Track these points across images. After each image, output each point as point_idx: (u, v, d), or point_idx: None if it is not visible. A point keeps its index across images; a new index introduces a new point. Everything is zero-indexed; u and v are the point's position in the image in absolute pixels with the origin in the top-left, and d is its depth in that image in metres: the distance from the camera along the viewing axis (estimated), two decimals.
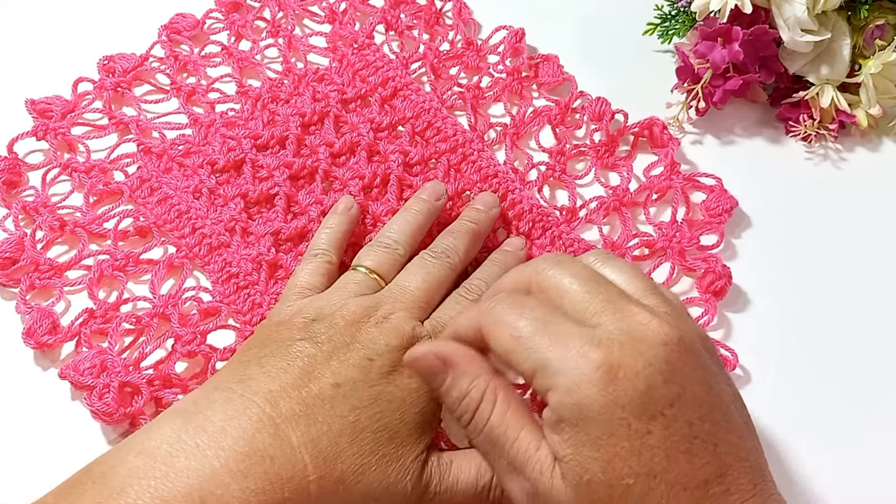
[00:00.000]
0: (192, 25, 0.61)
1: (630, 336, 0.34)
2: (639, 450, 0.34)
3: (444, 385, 0.38)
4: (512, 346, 0.35)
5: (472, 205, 0.51)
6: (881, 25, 0.56)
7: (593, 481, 0.34)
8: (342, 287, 0.45)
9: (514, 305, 0.36)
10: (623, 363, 0.34)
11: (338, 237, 0.48)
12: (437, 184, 0.51)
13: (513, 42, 0.60)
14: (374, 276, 0.46)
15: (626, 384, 0.33)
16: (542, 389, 0.35)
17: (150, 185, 0.53)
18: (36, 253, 0.51)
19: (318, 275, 0.46)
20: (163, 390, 0.46)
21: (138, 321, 0.48)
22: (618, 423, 0.33)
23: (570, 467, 0.34)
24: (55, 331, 0.48)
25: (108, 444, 0.46)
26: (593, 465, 0.34)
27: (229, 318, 0.49)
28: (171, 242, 0.52)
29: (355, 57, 0.59)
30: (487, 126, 0.57)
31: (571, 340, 0.34)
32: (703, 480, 0.34)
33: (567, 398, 0.34)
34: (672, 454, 0.34)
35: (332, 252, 0.47)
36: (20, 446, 0.46)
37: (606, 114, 0.56)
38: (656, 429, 0.34)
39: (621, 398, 0.33)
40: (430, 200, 0.50)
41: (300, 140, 0.55)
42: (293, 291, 0.45)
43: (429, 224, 0.50)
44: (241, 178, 0.54)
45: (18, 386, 0.48)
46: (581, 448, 0.34)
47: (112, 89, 0.58)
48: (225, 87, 0.59)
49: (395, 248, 0.47)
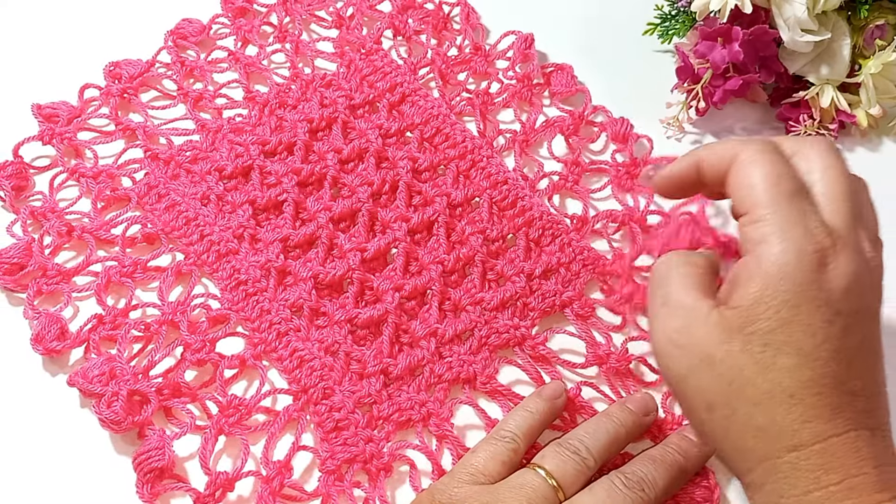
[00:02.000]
0: (199, 31, 0.61)
1: (853, 250, 0.37)
2: (815, 329, 0.35)
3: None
4: (760, 185, 0.37)
5: (683, 431, 0.45)
6: (881, 25, 0.56)
7: (757, 331, 0.36)
8: (516, 488, 0.41)
9: (776, 162, 0.38)
10: (840, 261, 0.36)
11: (532, 426, 0.43)
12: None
13: (522, 48, 0.60)
14: (552, 483, 0.41)
15: (834, 276, 0.36)
16: (752, 238, 0.37)
17: (158, 191, 0.53)
18: (44, 258, 0.51)
19: (498, 462, 0.42)
20: (172, 399, 0.46)
21: (147, 328, 0.48)
22: (810, 298, 0.35)
23: (744, 309, 0.36)
24: (64, 337, 0.48)
25: (115, 452, 0.46)
26: (768, 316, 0.36)
27: (238, 325, 0.49)
28: (179, 249, 0.51)
29: (363, 62, 0.59)
30: (496, 132, 0.57)
31: (809, 219, 0.36)
32: (850, 390, 0.36)
33: (772, 262, 0.36)
34: (839, 353, 0.36)
35: (520, 440, 0.43)
36: (29, 453, 0.46)
37: (631, 137, 0.56)
38: (837, 323, 0.36)
39: (824, 283, 0.36)
40: (632, 409, 0.45)
41: (308, 146, 0.55)
42: (466, 471, 0.42)
43: (618, 436, 0.44)
44: (249, 185, 0.54)
45: (27, 392, 0.48)
46: (770, 304, 0.36)
47: (119, 95, 0.57)
48: (232, 92, 0.59)
49: (585, 457, 0.42)
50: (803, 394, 0.35)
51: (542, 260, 0.51)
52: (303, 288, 0.49)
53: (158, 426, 0.45)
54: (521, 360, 0.48)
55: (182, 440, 0.45)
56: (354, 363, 0.47)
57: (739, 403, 0.36)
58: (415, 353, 0.47)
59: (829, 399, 0.35)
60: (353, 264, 0.50)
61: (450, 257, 0.50)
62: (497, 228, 0.52)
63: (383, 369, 0.47)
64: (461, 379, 0.47)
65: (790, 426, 0.35)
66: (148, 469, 0.43)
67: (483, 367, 0.47)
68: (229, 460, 0.45)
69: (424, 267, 0.50)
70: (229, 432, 0.45)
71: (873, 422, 0.36)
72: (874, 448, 0.36)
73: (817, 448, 0.35)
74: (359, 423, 0.45)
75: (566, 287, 0.50)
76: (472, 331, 0.48)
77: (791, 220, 0.36)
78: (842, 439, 0.35)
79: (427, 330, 0.48)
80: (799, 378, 0.35)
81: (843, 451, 0.35)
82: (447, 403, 0.46)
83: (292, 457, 0.44)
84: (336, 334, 0.48)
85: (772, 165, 0.38)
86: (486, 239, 0.51)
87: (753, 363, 0.36)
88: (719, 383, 0.37)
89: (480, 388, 0.47)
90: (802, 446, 0.35)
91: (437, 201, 0.53)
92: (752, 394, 0.36)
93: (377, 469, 0.44)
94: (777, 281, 0.36)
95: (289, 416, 0.45)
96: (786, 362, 0.35)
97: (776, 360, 0.35)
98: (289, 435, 0.45)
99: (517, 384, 0.47)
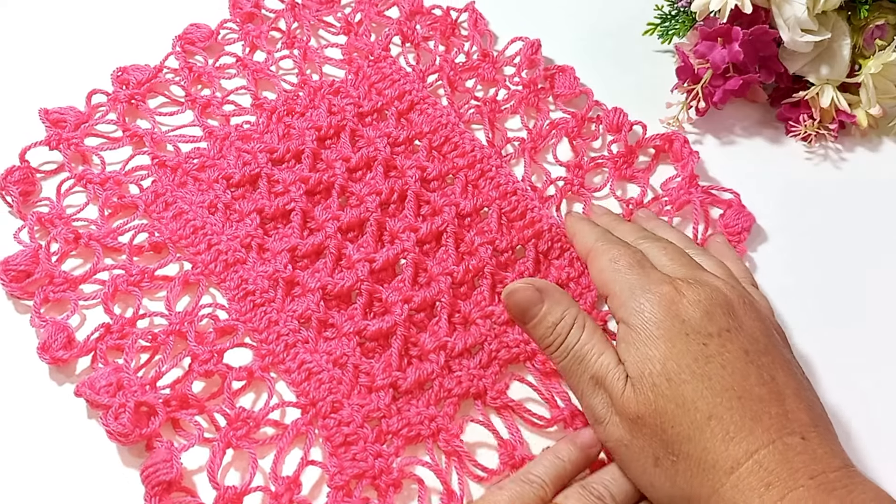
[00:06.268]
0: (207, 36, 0.61)
1: (697, 280, 0.43)
2: (695, 354, 0.40)
3: (539, 313, 0.44)
4: (608, 269, 0.44)
5: None
6: (881, 25, 0.56)
7: (653, 373, 0.40)
8: None
9: (616, 245, 0.46)
10: (687, 293, 0.42)
11: (562, 475, 0.42)
12: None
13: (529, 53, 0.60)
14: None
15: (687, 306, 0.41)
16: (619, 309, 0.43)
17: (165, 199, 0.53)
18: (51, 265, 0.50)
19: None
20: (179, 411, 0.46)
21: (154, 338, 0.48)
22: (677, 332, 0.40)
23: (634, 364, 0.40)
24: (70, 345, 0.48)
25: (122, 464, 0.45)
26: (653, 360, 0.40)
27: (246, 336, 0.49)
28: (187, 258, 0.51)
29: (371, 69, 0.59)
30: (505, 141, 0.56)
31: (652, 276, 0.43)
32: (757, 396, 0.39)
33: (636, 316, 0.41)
34: (727, 367, 0.39)
35: (549, 488, 0.41)
36: (34, 465, 0.45)
37: (624, 125, 0.56)
38: (713, 343, 0.40)
39: (682, 314, 0.41)
40: None
41: (316, 154, 0.55)
42: None
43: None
44: (257, 193, 0.53)
45: (33, 402, 0.47)
46: (643, 347, 0.40)
47: (126, 101, 0.57)
48: (240, 98, 0.58)
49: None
50: (718, 411, 0.38)
51: (551, 274, 0.51)
52: (311, 299, 0.49)
53: (166, 438, 0.45)
54: (533, 378, 0.48)
55: (190, 452, 0.44)
56: (363, 376, 0.47)
57: (678, 445, 0.39)
58: (424, 367, 0.47)
59: (742, 410, 0.38)
60: (362, 275, 0.50)
61: (459, 269, 0.50)
62: (506, 240, 0.51)
63: (392, 383, 0.46)
64: (471, 393, 0.47)
65: (720, 447, 0.38)
66: (156, 482, 0.43)
67: (493, 381, 0.47)
68: (237, 474, 0.45)
69: (433, 278, 0.50)
70: (238, 445, 0.44)
71: (798, 426, 0.38)
72: (807, 455, 0.37)
73: (751, 465, 0.37)
74: (368, 437, 0.45)
75: (577, 300, 0.50)
76: (481, 344, 0.48)
77: (635, 283, 0.43)
78: (770, 451, 0.37)
79: (437, 343, 0.47)
80: (707, 399, 0.39)
81: (776, 464, 0.37)
82: (457, 419, 0.46)
83: (301, 472, 0.44)
84: (344, 346, 0.48)
85: (608, 252, 0.45)
86: (495, 250, 0.51)
87: (668, 402, 0.39)
88: (656, 435, 0.39)
89: (491, 403, 0.46)
90: (737, 466, 0.37)
91: (446, 211, 0.52)
92: (682, 431, 0.39)
93: (386, 485, 0.43)
94: (646, 329, 0.41)
95: (297, 429, 0.45)
96: (688, 390, 0.39)
97: (682, 392, 0.39)
98: (297, 449, 0.45)
99: (528, 401, 0.47)
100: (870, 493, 0.37)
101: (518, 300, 0.44)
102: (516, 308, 0.45)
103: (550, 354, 0.44)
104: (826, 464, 0.37)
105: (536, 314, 0.44)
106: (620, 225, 0.50)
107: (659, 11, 0.60)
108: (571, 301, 0.45)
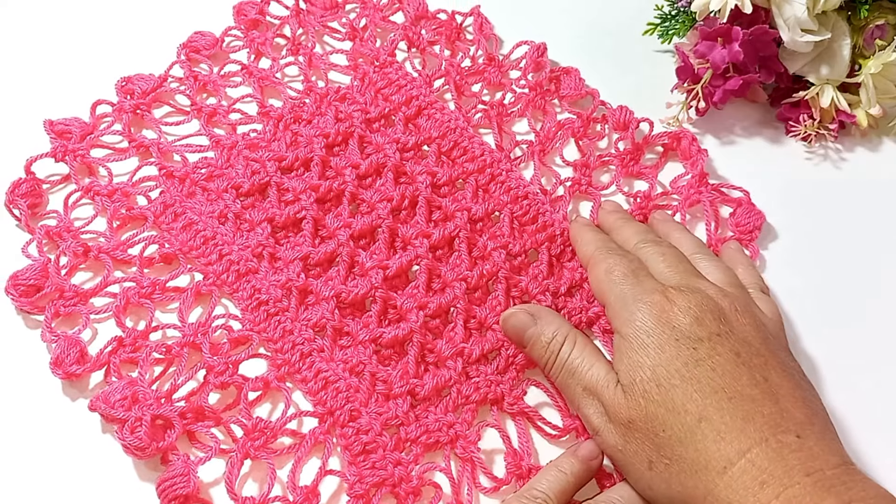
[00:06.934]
0: (211, 44, 0.60)
1: (689, 287, 0.43)
2: (685, 359, 0.40)
3: (533, 335, 0.46)
4: (604, 280, 0.46)
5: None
6: (881, 25, 0.56)
7: (643, 380, 0.40)
8: None
9: (612, 254, 0.47)
10: (678, 301, 0.42)
11: (565, 489, 0.42)
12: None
13: (535, 56, 0.60)
14: None
15: (678, 314, 0.42)
16: (613, 319, 0.44)
17: (174, 210, 0.52)
18: (60, 279, 0.50)
19: None
20: (195, 423, 0.45)
21: (168, 350, 0.47)
22: (667, 338, 0.41)
23: (625, 372, 0.41)
24: (83, 360, 0.47)
25: (139, 478, 0.45)
26: (643, 366, 0.41)
27: (260, 346, 0.48)
28: (198, 269, 0.51)
29: (377, 75, 0.59)
30: (514, 144, 0.56)
31: (645, 285, 0.44)
32: (749, 396, 0.39)
33: (628, 326, 0.42)
34: (717, 369, 0.40)
35: (553, 501, 0.41)
36: (50, 481, 0.45)
37: (631, 123, 0.56)
38: (702, 347, 0.41)
39: (672, 321, 0.42)
40: None
41: (325, 162, 0.54)
42: None
43: None
44: (267, 202, 0.53)
45: (47, 418, 0.47)
46: (634, 355, 0.41)
47: (131, 111, 0.57)
48: (246, 107, 0.58)
49: None
50: (708, 412, 0.39)
51: (565, 276, 0.51)
52: (325, 307, 0.49)
53: (182, 451, 0.44)
54: (549, 383, 0.47)
55: (206, 465, 0.44)
56: (380, 384, 0.46)
57: (670, 449, 0.39)
58: (441, 374, 0.47)
59: (733, 410, 0.38)
60: (376, 282, 0.49)
61: (473, 273, 0.50)
62: (519, 243, 0.51)
63: (410, 390, 0.46)
64: (489, 400, 0.46)
65: (711, 448, 0.38)
66: (173, 496, 0.42)
67: (511, 387, 0.47)
68: (255, 485, 0.44)
69: (448, 284, 0.50)
70: (255, 456, 0.44)
71: (793, 425, 0.38)
72: (803, 453, 0.37)
73: (744, 464, 0.37)
74: (387, 445, 0.44)
75: (591, 303, 0.49)
76: (498, 350, 0.48)
77: (627, 293, 0.44)
78: (763, 449, 0.37)
79: (454, 349, 0.47)
80: (697, 402, 0.39)
81: (769, 462, 0.37)
82: (475, 426, 0.46)
83: (319, 482, 0.44)
84: (360, 354, 0.47)
85: (604, 262, 0.46)
86: (508, 254, 0.51)
87: (659, 406, 0.40)
88: (648, 439, 0.40)
89: (508, 410, 0.46)
90: (730, 465, 0.37)
91: (458, 216, 0.52)
92: (674, 434, 0.39)
93: (406, 493, 0.43)
94: (637, 338, 0.42)
95: (315, 439, 0.45)
96: (678, 394, 0.40)
97: (672, 396, 0.40)
98: (315, 458, 0.45)
99: (543, 407, 0.47)
100: (870, 492, 0.36)
101: (513, 324, 0.47)
102: (512, 332, 0.47)
103: (548, 373, 0.46)
104: (823, 461, 0.37)
105: (531, 336, 0.46)
106: (626, 226, 0.50)
107: (659, 11, 0.60)
108: (563, 321, 0.47)
